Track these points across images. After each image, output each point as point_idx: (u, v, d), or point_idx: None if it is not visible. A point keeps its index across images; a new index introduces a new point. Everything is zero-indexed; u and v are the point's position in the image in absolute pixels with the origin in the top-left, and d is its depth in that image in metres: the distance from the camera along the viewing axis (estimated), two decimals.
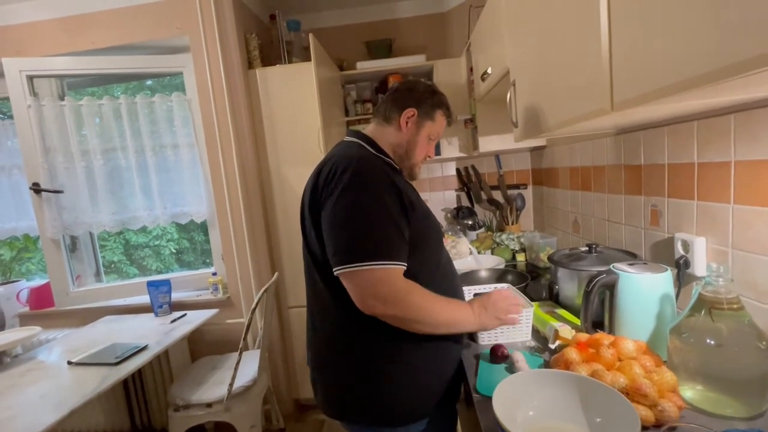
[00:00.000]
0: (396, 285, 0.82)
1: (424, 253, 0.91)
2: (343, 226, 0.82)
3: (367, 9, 2.49)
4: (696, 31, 0.47)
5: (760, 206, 0.78)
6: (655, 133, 1.09)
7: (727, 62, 0.43)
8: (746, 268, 0.82)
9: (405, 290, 0.82)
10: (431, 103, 1.00)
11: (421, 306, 0.83)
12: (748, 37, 0.40)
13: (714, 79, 0.46)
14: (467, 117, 2.12)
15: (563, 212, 1.85)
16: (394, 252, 0.82)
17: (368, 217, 0.81)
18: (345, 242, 0.81)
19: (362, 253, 0.80)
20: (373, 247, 0.80)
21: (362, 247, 0.80)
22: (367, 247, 0.80)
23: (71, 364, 1.50)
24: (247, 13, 2.15)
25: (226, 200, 2.05)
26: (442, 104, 1.02)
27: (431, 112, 1.00)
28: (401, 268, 0.83)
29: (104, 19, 1.96)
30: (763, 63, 0.39)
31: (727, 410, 0.70)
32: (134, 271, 3.15)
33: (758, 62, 0.39)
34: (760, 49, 0.38)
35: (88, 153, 2.04)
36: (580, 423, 0.70)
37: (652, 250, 1.14)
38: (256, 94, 2.05)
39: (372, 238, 0.81)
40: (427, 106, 0.99)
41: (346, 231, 0.82)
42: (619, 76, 0.67)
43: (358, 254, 0.80)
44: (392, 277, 0.81)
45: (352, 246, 0.81)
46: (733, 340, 0.70)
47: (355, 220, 0.81)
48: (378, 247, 0.80)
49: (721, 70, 0.44)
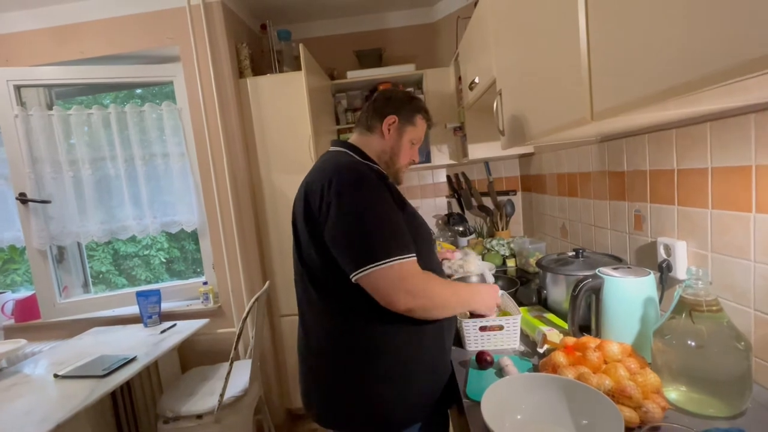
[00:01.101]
0: (419, 276, 0.84)
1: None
2: (355, 231, 0.82)
3: (357, 19, 2.53)
4: (672, 41, 0.49)
5: (736, 211, 0.80)
6: (637, 140, 1.12)
7: (702, 73, 0.45)
8: (724, 270, 0.85)
9: (427, 279, 0.85)
10: (410, 109, 1.04)
11: (442, 292, 0.88)
12: (720, 49, 0.42)
13: (691, 89, 0.47)
14: (456, 125, 2.15)
15: (551, 218, 1.88)
16: (408, 243, 0.85)
17: (376, 216, 0.83)
18: (361, 245, 0.81)
19: (382, 251, 0.80)
20: (390, 243, 0.81)
21: (380, 245, 0.81)
22: (385, 244, 0.81)
23: (57, 377, 1.47)
24: (238, 22, 2.17)
25: (217, 209, 2.05)
26: (421, 108, 1.07)
27: (411, 117, 1.04)
28: (416, 258, 0.85)
29: (94, 28, 1.96)
30: (729, 76, 0.41)
31: (709, 410, 0.72)
32: (123, 282, 3.11)
33: (725, 75, 0.41)
34: (729, 61, 0.40)
35: (77, 162, 2.02)
36: (567, 426, 0.71)
37: (637, 254, 1.17)
38: (247, 103, 2.06)
39: (386, 234, 0.82)
40: (406, 112, 1.03)
41: (359, 234, 0.82)
42: (598, 86, 0.69)
43: (379, 253, 0.80)
44: (414, 269, 0.84)
45: (370, 246, 0.81)
46: (712, 342, 0.72)
47: (364, 222, 0.82)
48: (394, 241, 0.82)
49: (697, 81, 0.46)
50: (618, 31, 0.61)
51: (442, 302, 0.88)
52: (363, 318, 0.88)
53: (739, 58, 0.39)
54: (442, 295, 0.88)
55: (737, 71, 0.40)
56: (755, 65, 0.38)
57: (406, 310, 0.83)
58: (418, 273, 0.84)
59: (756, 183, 0.76)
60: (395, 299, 0.81)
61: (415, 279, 0.83)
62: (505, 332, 1.07)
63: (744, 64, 0.39)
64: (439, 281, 0.89)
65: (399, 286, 0.81)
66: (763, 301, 0.77)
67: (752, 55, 0.38)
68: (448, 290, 0.90)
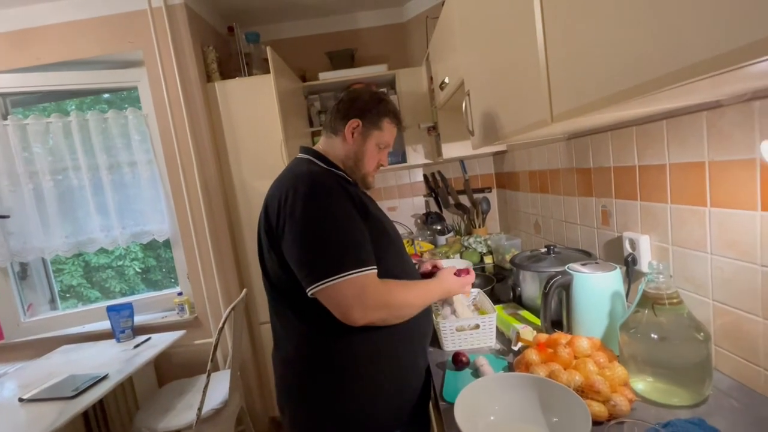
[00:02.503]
0: (378, 289, 0.82)
1: (383, 260, 0.91)
2: (310, 244, 0.81)
3: (328, 20, 2.50)
4: (622, 48, 0.51)
5: (692, 205, 0.83)
6: (601, 138, 1.15)
7: (649, 77, 0.46)
8: (684, 263, 0.88)
9: (386, 291, 0.84)
10: (376, 112, 0.98)
11: (404, 300, 0.87)
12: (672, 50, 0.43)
13: (641, 92, 0.49)
14: (430, 125, 2.16)
15: (525, 214, 1.91)
16: (365, 256, 0.82)
17: (331, 229, 0.81)
18: (315, 259, 0.80)
19: (336, 266, 0.79)
20: (344, 257, 0.79)
21: (334, 259, 0.79)
22: (339, 259, 0.79)
23: (23, 401, 1.40)
24: (204, 25, 2.11)
25: (189, 217, 1.99)
26: (388, 112, 1.00)
27: (377, 121, 0.98)
28: (375, 271, 0.84)
29: (51, 33, 1.87)
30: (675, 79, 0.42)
31: (674, 399, 0.75)
32: (96, 295, 2.98)
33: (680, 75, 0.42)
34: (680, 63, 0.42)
35: (37, 174, 1.93)
36: (539, 424, 0.72)
37: (605, 248, 1.20)
38: (216, 108, 2.01)
39: (340, 248, 0.80)
40: (372, 116, 0.98)
41: (313, 248, 0.80)
42: (557, 89, 0.70)
43: (332, 268, 0.79)
44: (372, 282, 0.81)
45: (323, 261, 0.79)
46: (674, 333, 0.75)
47: (317, 237, 0.80)
48: (349, 255, 0.80)
49: (646, 84, 0.47)
50: (572, 38, 0.62)
51: (402, 307, 0.87)
52: (328, 329, 0.86)
53: (683, 63, 0.41)
54: (402, 301, 0.87)
55: (682, 75, 0.42)
56: (696, 70, 0.40)
57: (365, 324, 0.82)
58: (375, 286, 0.82)
59: (710, 178, 0.79)
60: (351, 314, 0.80)
61: (372, 292, 0.81)
62: (482, 331, 1.08)
63: (687, 69, 0.41)
64: (398, 287, 0.87)
65: (354, 302, 0.79)
66: (721, 292, 0.80)
67: (692, 60, 0.40)
68: (409, 294, 0.89)
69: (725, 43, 0.36)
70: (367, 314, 0.81)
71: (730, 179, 0.74)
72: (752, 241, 0.71)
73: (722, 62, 0.36)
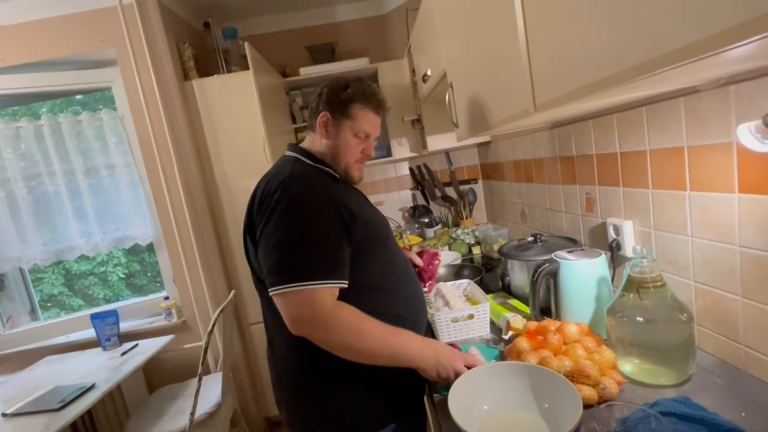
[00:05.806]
0: (321, 306, 0.78)
1: (376, 260, 0.91)
2: (275, 248, 0.80)
3: (306, 13, 2.46)
4: (602, 35, 0.51)
5: (672, 189, 0.85)
6: (583, 126, 1.16)
7: (627, 66, 0.47)
8: (667, 246, 0.90)
9: (330, 312, 0.78)
10: (344, 100, 0.92)
11: (348, 329, 0.79)
12: (647, 39, 0.44)
13: (619, 81, 0.49)
14: (414, 117, 2.16)
15: (511, 204, 1.93)
16: (325, 271, 0.79)
17: (300, 238, 0.79)
18: (276, 263, 0.79)
19: (291, 274, 0.77)
20: (301, 268, 0.78)
21: (291, 267, 0.78)
22: (296, 268, 0.78)
23: (7, 416, 1.36)
24: (178, 21, 2.05)
25: (172, 219, 1.95)
26: (356, 97, 0.92)
27: (345, 109, 0.92)
28: (333, 288, 0.80)
29: (15, 33, 1.79)
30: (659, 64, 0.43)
31: (660, 379, 0.77)
32: (80, 303, 2.91)
33: (655, 64, 0.43)
34: (655, 52, 0.42)
35: (9, 181, 1.86)
36: (532, 410, 0.74)
37: (590, 235, 1.22)
38: (195, 107, 1.97)
39: (301, 258, 0.79)
40: (339, 105, 0.92)
41: (277, 252, 0.79)
42: (539, 78, 0.70)
43: (288, 275, 0.78)
44: (319, 298, 0.78)
45: (282, 267, 0.79)
46: (658, 315, 0.77)
47: (286, 242, 0.79)
48: (306, 267, 0.78)
49: (623, 73, 0.48)
50: (552, 28, 0.62)
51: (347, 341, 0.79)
52: None
53: (659, 51, 0.42)
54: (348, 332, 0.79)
55: (658, 63, 0.43)
56: (669, 58, 0.41)
57: (305, 337, 0.81)
58: (323, 302, 0.78)
59: (689, 163, 0.80)
60: (291, 324, 0.80)
61: (315, 308, 0.77)
62: (476, 321, 1.09)
63: (662, 57, 0.42)
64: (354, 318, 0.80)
65: (295, 313, 0.79)
66: (702, 273, 0.82)
67: (666, 50, 0.41)
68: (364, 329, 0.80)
69: (698, 31, 0.36)
70: (303, 327, 0.79)
71: (708, 163, 0.76)
72: (730, 223, 0.73)
73: (696, 50, 0.37)
